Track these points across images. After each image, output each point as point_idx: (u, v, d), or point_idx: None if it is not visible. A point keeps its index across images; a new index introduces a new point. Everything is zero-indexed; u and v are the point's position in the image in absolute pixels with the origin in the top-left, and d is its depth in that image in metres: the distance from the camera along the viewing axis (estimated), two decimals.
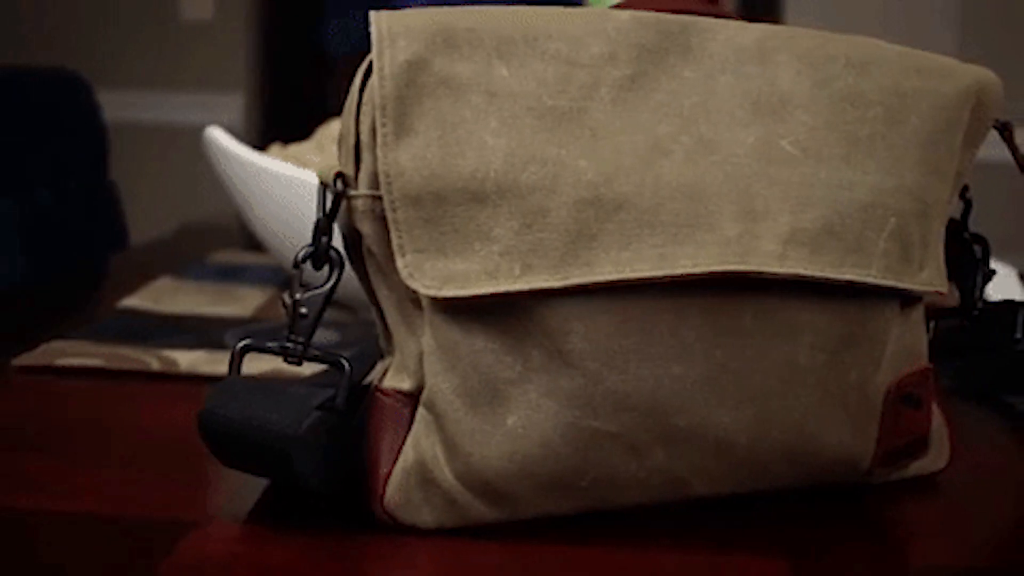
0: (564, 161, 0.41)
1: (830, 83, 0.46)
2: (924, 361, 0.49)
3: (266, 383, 0.44)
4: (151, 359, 0.66)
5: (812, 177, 0.44)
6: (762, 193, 0.43)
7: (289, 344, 0.44)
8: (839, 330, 0.45)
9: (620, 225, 0.41)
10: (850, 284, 0.44)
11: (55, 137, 1.42)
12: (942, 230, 0.49)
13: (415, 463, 0.43)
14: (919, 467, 0.51)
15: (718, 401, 0.43)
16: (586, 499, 0.44)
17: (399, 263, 0.41)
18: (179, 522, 0.43)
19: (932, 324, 0.53)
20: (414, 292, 0.43)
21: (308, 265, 0.80)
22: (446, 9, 0.43)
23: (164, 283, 0.90)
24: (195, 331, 0.75)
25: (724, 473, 0.45)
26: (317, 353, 0.44)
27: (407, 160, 0.41)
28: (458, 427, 0.42)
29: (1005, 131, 0.51)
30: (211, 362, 0.66)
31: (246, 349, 0.45)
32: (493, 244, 0.41)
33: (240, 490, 0.47)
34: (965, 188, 0.52)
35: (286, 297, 0.44)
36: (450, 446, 0.42)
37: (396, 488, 0.43)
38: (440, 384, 0.42)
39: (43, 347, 0.68)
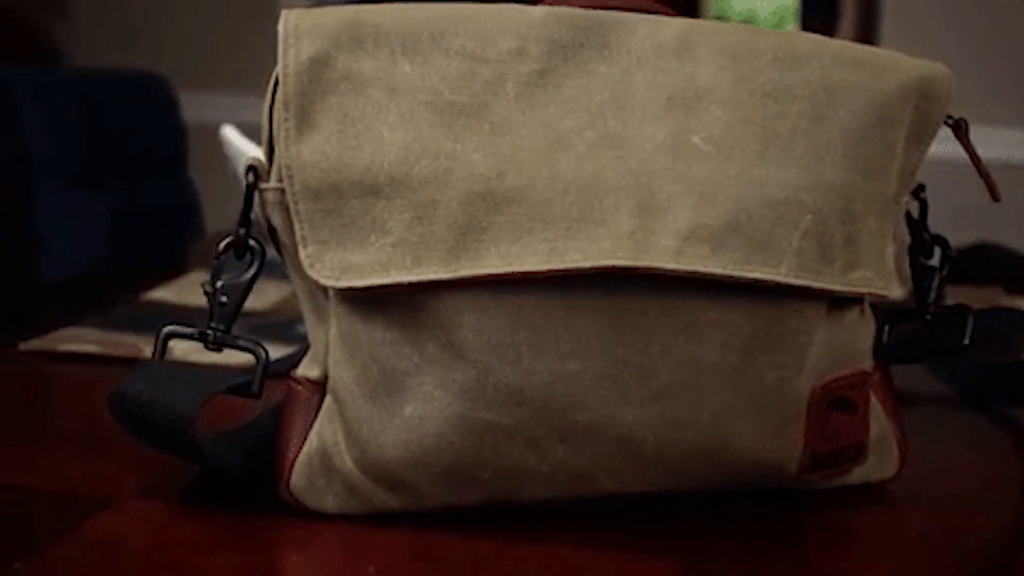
0: (457, 155, 0.42)
1: (753, 78, 0.45)
2: (863, 364, 0.48)
3: (186, 368, 0.45)
4: (146, 347, 0.69)
5: (720, 173, 0.43)
6: (665, 188, 0.43)
7: (209, 331, 0.46)
8: (752, 330, 0.44)
9: (512, 218, 0.41)
10: (756, 283, 0.43)
11: (136, 135, 1.48)
12: (887, 229, 0.47)
13: (318, 449, 0.44)
14: (863, 474, 0.49)
15: (620, 398, 0.43)
16: (490, 492, 0.44)
17: (301, 254, 0.42)
18: (102, 498, 0.45)
19: (887, 327, 0.51)
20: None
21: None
22: (358, 7, 0.44)
23: (196, 276, 0.94)
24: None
25: (634, 471, 0.45)
26: (237, 340, 0.46)
27: (308, 154, 0.42)
28: (357, 415, 0.43)
29: (958, 129, 0.49)
30: (204, 351, 0.69)
31: (170, 335, 0.46)
32: (387, 236, 0.42)
33: (175, 471, 0.49)
34: (920, 187, 0.50)
35: (207, 285, 0.46)
36: (350, 434, 0.43)
37: (300, 473, 0.44)
38: (341, 373, 0.43)
39: (53, 333, 0.71)
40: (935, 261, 0.52)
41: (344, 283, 0.42)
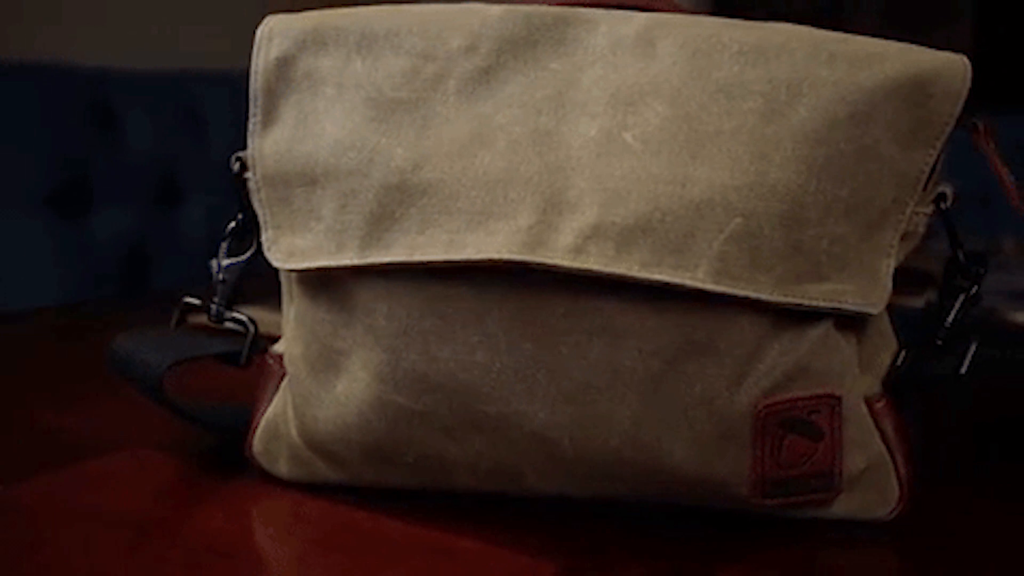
0: (381, 148, 0.44)
1: (709, 73, 0.43)
2: (831, 387, 0.43)
3: (191, 335, 0.51)
4: None
5: (642, 171, 0.41)
6: (578, 185, 0.42)
7: (212, 306, 0.51)
8: (674, 337, 0.41)
9: (422, 210, 0.43)
10: (667, 286, 0.41)
11: None
12: (879, 239, 0.43)
13: (273, 417, 0.48)
14: (846, 509, 0.45)
15: (529, 395, 0.42)
16: (418, 476, 0.46)
17: (263, 236, 0.47)
18: (116, 444, 0.52)
19: (903, 352, 0.46)
20: None
21: None
22: (329, 11, 0.47)
23: None
24: None
25: (559, 471, 0.44)
26: (233, 315, 0.51)
27: (268, 146, 0.46)
28: (300, 389, 0.46)
29: (974, 133, 0.43)
30: None
31: (186, 306, 0.52)
32: (321, 223, 0.45)
33: (198, 432, 0.55)
34: (940, 196, 0.45)
35: (213, 264, 0.51)
36: (295, 406, 0.47)
37: (260, 438, 0.48)
38: (292, 348, 0.47)
39: None
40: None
41: (289, 265, 0.45)
